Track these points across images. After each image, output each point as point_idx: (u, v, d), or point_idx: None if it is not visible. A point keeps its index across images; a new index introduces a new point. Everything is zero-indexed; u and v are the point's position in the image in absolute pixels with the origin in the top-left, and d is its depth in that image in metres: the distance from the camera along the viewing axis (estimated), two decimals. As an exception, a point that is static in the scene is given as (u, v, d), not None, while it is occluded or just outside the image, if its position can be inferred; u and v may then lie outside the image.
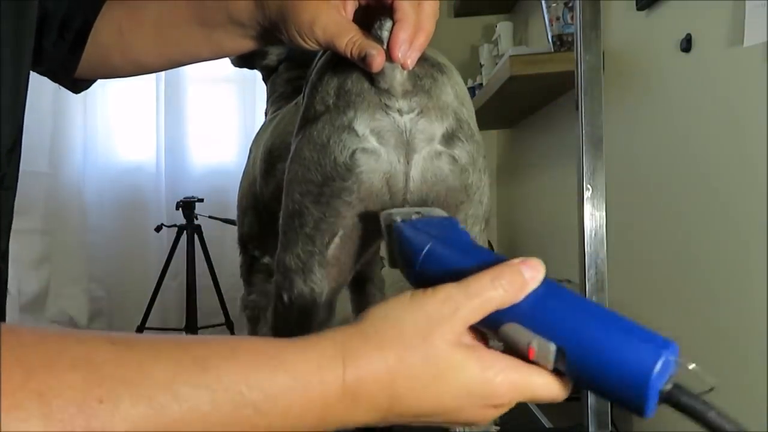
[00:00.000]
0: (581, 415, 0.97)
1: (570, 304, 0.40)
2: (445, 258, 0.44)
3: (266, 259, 1.03)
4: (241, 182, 1.05)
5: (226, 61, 0.99)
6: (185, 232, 2.50)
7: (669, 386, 0.37)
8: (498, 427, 0.68)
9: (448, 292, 0.40)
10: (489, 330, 0.42)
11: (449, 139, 0.59)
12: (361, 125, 0.57)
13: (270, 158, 0.85)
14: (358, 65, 0.55)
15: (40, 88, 0.66)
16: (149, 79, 2.78)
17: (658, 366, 0.37)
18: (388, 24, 0.53)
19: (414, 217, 0.49)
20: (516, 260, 0.41)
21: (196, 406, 0.34)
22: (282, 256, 0.64)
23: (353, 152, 0.57)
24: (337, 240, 0.60)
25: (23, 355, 0.32)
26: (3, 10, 0.54)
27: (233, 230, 1.11)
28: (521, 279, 0.40)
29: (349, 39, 0.54)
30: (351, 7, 0.57)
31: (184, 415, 0.34)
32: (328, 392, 0.38)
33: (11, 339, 0.32)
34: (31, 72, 0.69)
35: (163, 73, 2.71)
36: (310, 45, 0.57)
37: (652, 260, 1.51)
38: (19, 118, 0.59)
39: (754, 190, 1.11)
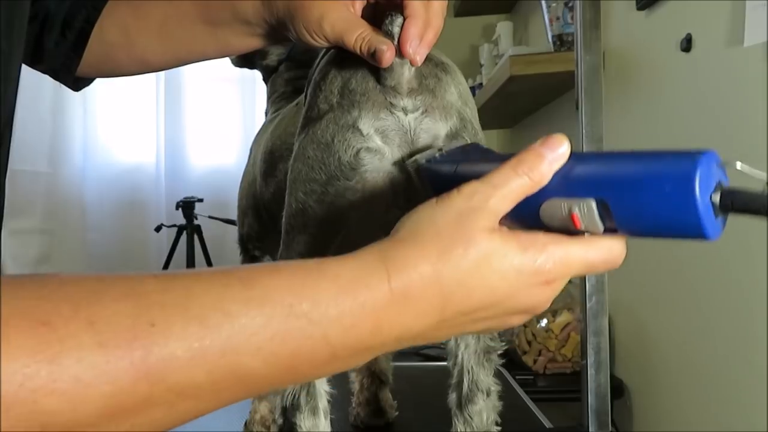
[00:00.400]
0: (581, 415, 0.97)
1: (597, 159, 0.39)
2: (473, 173, 0.44)
3: (266, 259, 1.03)
4: (241, 182, 1.05)
5: (226, 60, 0.99)
6: (185, 232, 2.50)
7: (719, 194, 0.35)
8: (499, 428, 0.68)
9: (472, 187, 0.40)
10: (528, 224, 0.41)
11: (453, 138, 0.59)
12: (366, 124, 0.57)
13: (271, 158, 0.85)
14: (368, 61, 0.55)
15: (40, 87, 0.66)
16: (149, 79, 2.78)
17: (698, 172, 0.34)
18: (399, 20, 0.53)
19: (437, 154, 0.50)
20: (537, 143, 0.41)
21: (248, 322, 0.34)
22: (284, 255, 0.64)
23: (358, 151, 0.57)
24: (340, 239, 0.60)
25: (68, 292, 0.32)
26: None
27: (233, 230, 1.11)
28: (543, 161, 0.40)
29: (359, 35, 0.54)
30: (359, 5, 0.57)
31: (239, 332, 0.34)
32: (376, 297, 0.37)
33: (53, 280, 0.32)
34: (32, 72, 0.70)
35: (163, 73, 2.71)
36: (319, 42, 0.57)
37: (652, 260, 1.51)
38: (7, 114, 0.59)
39: (753, 189, 1.11)
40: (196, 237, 2.51)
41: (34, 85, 0.60)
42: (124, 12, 0.69)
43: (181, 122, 2.86)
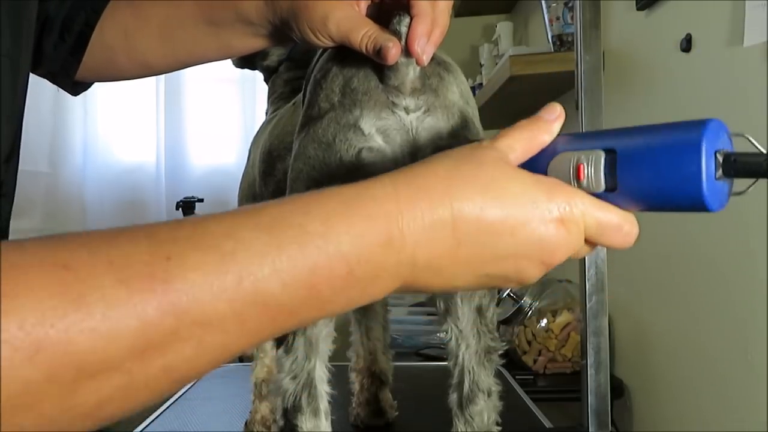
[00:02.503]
0: (581, 415, 0.97)
1: (604, 129, 0.41)
2: None
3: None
4: (240, 183, 1.05)
5: (227, 61, 0.99)
6: (185, 232, 2.50)
7: (721, 159, 0.36)
8: (499, 428, 0.68)
9: (477, 143, 0.42)
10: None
11: (455, 137, 0.59)
12: (367, 124, 0.57)
13: (270, 159, 0.85)
14: (373, 59, 0.55)
15: (40, 88, 0.66)
16: (149, 79, 2.78)
17: (706, 135, 0.35)
18: (406, 20, 0.53)
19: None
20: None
21: (261, 246, 0.34)
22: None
23: (359, 151, 0.57)
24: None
25: (83, 239, 0.32)
26: (2, 18, 0.53)
27: (233, 230, 1.10)
28: (542, 120, 0.42)
29: (365, 33, 0.54)
30: (364, 4, 0.57)
31: (254, 255, 0.33)
32: (384, 208, 0.37)
33: (66, 233, 0.33)
34: (31, 73, 0.69)
35: (163, 74, 2.70)
36: (323, 41, 0.57)
37: (652, 260, 1.51)
38: (16, 125, 0.59)
39: (753, 188, 1.11)
40: (196, 237, 2.50)
41: (35, 86, 0.60)
42: (124, 14, 0.69)
43: (181, 122, 2.86)
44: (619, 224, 0.40)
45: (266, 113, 1.11)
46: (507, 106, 2.24)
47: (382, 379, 0.99)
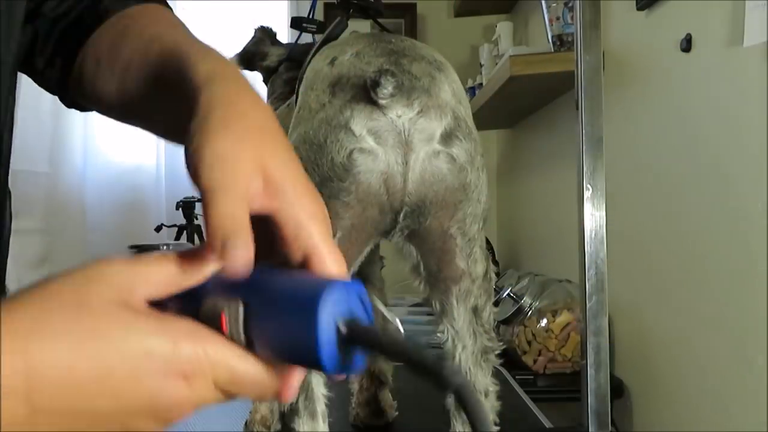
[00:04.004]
0: (581, 415, 0.97)
1: (270, 271, 0.37)
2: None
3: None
4: (240, 183, 1.05)
5: (226, 61, 0.99)
6: (185, 232, 2.50)
7: (346, 327, 0.34)
8: (498, 428, 0.68)
9: (105, 261, 0.35)
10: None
11: (447, 137, 0.59)
12: (358, 125, 0.57)
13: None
14: None
15: (40, 89, 0.66)
16: (149, 79, 2.78)
17: (329, 294, 0.33)
18: None
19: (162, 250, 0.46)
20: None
21: None
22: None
23: (351, 152, 0.57)
24: (335, 241, 0.60)
25: None
26: None
27: (233, 230, 1.10)
28: (199, 257, 0.36)
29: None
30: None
31: None
32: None
33: None
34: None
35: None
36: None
37: (652, 260, 1.51)
38: (2, 126, 0.57)
39: (754, 189, 1.11)
40: (196, 237, 2.51)
41: (34, 86, 0.60)
42: (99, 49, 0.61)
43: (182, 122, 2.86)
44: (256, 378, 0.35)
45: (266, 113, 1.11)
46: (507, 106, 2.24)
47: (381, 379, 0.99)
